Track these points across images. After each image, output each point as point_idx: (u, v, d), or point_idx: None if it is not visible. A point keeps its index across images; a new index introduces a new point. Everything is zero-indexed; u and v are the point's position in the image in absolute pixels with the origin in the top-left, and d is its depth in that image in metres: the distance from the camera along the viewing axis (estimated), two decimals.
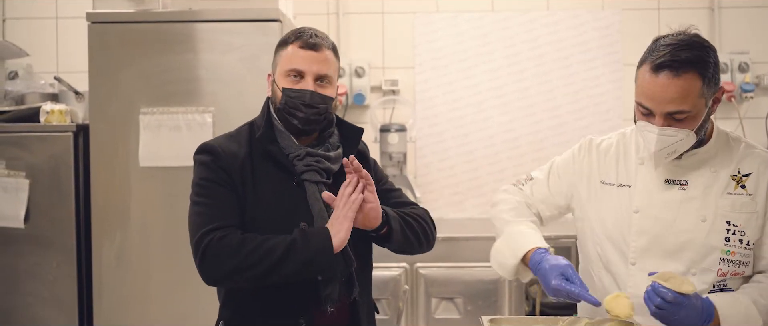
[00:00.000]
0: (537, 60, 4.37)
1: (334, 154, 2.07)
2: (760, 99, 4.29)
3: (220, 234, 1.93)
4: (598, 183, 2.13)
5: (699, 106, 1.89)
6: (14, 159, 3.29)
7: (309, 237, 1.92)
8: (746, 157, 2.01)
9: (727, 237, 1.95)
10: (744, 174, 1.99)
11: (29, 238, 3.30)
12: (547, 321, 1.92)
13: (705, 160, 2.00)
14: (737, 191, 1.98)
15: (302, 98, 2.00)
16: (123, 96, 3.24)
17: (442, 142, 4.40)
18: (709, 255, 1.96)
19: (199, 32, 3.23)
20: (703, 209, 1.97)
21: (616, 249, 2.05)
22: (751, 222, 1.96)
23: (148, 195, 3.25)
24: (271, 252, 1.90)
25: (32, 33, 4.36)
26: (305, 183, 2.01)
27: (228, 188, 1.99)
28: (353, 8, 4.39)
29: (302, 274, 1.93)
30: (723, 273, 1.96)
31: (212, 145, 2.05)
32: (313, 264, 1.91)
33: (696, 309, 1.83)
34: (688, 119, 1.89)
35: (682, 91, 1.86)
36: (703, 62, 1.88)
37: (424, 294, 3.67)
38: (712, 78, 1.89)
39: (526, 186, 2.26)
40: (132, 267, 3.26)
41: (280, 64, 2.05)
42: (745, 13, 4.33)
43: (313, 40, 2.02)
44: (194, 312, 3.18)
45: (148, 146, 3.22)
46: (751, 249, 1.96)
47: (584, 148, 2.20)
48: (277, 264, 1.90)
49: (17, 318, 3.32)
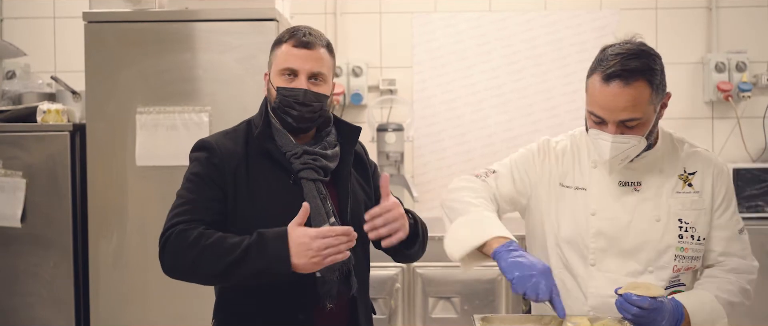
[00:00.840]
0: (535, 60, 4.37)
1: (332, 152, 2.07)
2: (758, 98, 4.29)
3: (183, 227, 1.93)
4: (557, 185, 2.14)
5: (649, 113, 1.96)
6: (11, 158, 3.30)
7: (266, 242, 1.89)
8: (690, 156, 2.11)
9: (680, 235, 2.04)
10: (690, 172, 2.09)
11: (26, 238, 3.30)
12: (537, 320, 1.93)
13: (654, 162, 2.08)
14: (685, 190, 2.07)
15: (296, 96, 2.01)
16: (120, 95, 3.25)
17: (439, 141, 4.40)
18: (665, 254, 2.04)
19: (195, 32, 3.23)
20: (656, 209, 2.05)
21: (575, 251, 2.09)
22: (701, 218, 2.06)
23: (144, 195, 3.25)
24: (228, 251, 1.88)
25: (30, 32, 4.37)
26: (302, 181, 2.02)
27: (214, 186, 2.00)
28: (351, 8, 4.40)
29: (259, 279, 1.92)
30: (677, 269, 2.04)
31: (209, 141, 2.07)
32: (269, 272, 1.88)
33: (669, 311, 1.90)
34: (639, 126, 1.96)
35: (632, 99, 1.92)
36: (650, 70, 1.94)
37: (421, 293, 3.67)
38: (659, 85, 1.97)
39: (491, 179, 2.18)
40: (129, 266, 3.27)
41: (275, 63, 2.06)
42: (743, 12, 4.33)
43: (306, 38, 2.03)
44: (191, 311, 3.18)
45: (145, 145, 3.23)
46: (701, 244, 2.06)
47: (542, 149, 2.20)
48: (233, 265, 1.88)
49: (14, 318, 3.32)
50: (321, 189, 2.03)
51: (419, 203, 4.31)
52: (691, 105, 4.33)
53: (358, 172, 2.17)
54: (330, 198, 2.04)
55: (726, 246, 2.09)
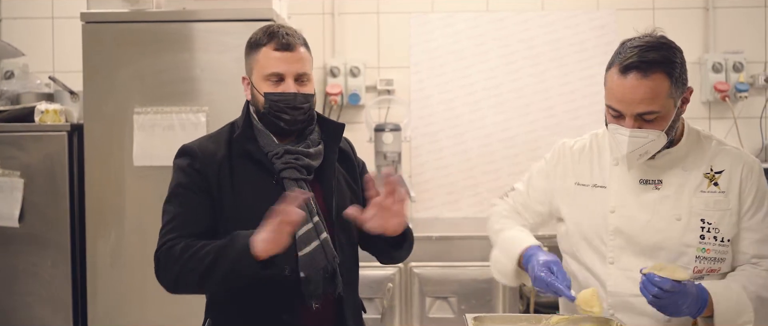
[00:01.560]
0: (532, 60, 4.38)
1: (315, 150, 2.07)
2: (754, 98, 4.30)
3: (171, 244, 1.97)
4: (573, 184, 2.16)
5: (668, 106, 1.93)
6: (9, 158, 3.32)
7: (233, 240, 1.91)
8: (718, 154, 2.05)
9: (701, 235, 1.98)
10: (717, 171, 2.02)
11: (24, 238, 3.32)
12: (531, 319, 1.95)
13: (677, 159, 2.04)
14: (710, 189, 2.01)
15: (287, 101, 2.01)
16: (117, 95, 3.27)
17: (437, 141, 4.42)
18: (685, 254, 1.99)
19: (193, 32, 3.26)
20: (677, 208, 2.00)
21: (593, 249, 2.09)
22: (725, 219, 1.99)
23: (142, 195, 3.27)
24: (203, 259, 1.91)
25: (28, 33, 4.37)
26: (284, 181, 2.02)
27: (201, 194, 2.02)
28: (348, 8, 4.41)
29: (233, 281, 1.94)
30: (698, 270, 1.99)
31: (191, 147, 2.08)
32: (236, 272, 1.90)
33: (692, 296, 1.85)
34: (658, 119, 1.93)
35: (650, 91, 1.89)
36: (669, 62, 1.91)
37: (418, 293, 3.68)
38: (679, 78, 1.93)
39: (510, 197, 2.32)
40: (126, 265, 3.29)
41: (257, 69, 2.05)
42: (740, 12, 4.34)
43: (285, 39, 2.02)
44: (188, 311, 3.16)
45: (142, 145, 3.25)
46: (726, 246, 1.99)
47: (557, 152, 2.23)
48: (208, 270, 1.91)
49: (12, 318, 3.34)
50: (304, 188, 2.03)
51: (417, 202, 4.33)
52: (688, 105, 4.33)
53: (346, 170, 2.17)
54: (314, 197, 2.04)
55: (758, 249, 2.01)
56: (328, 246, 2.01)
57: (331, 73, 4.32)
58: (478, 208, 4.37)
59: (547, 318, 1.90)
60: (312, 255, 1.99)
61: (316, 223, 2.01)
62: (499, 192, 4.29)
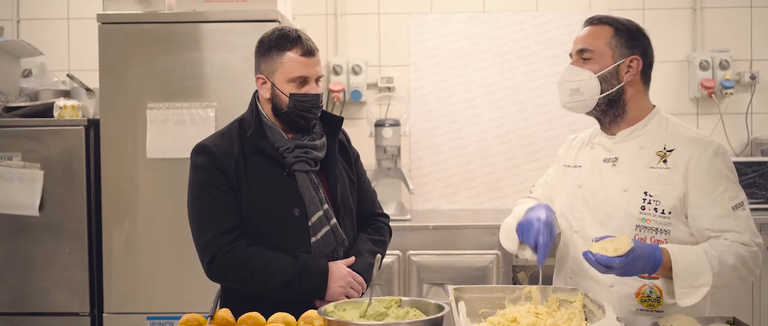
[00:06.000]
0: (527, 59, 4.49)
1: (320, 143, 2.23)
2: (740, 95, 4.42)
3: (226, 247, 2.12)
4: (562, 166, 2.37)
5: (604, 53, 2.16)
6: (30, 151, 3.41)
7: (310, 275, 2.13)
8: (675, 135, 2.16)
9: (642, 206, 2.12)
10: (669, 150, 2.14)
11: (43, 226, 3.41)
12: (506, 289, 2.07)
13: (634, 138, 2.19)
14: (659, 165, 2.13)
15: (312, 102, 2.17)
16: (131, 92, 3.38)
17: (435, 137, 4.52)
18: (629, 222, 2.13)
19: (202, 32, 3.37)
20: (626, 182, 2.15)
21: (565, 220, 2.27)
22: (667, 192, 2.10)
23: (155, 185, 3.39)
24: (273, 276, 2.12)
25: (45, 33, 4.49)
26: (296, 173, 2.17)
27: (225, 190, 2.15)
28: (350, 9, 4.52)
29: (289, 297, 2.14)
30: (641, 239, 2.11)
31: (207, 145, 2.19)
32: (302, 295, 2.14)
33: (643, 259, 1.94)
34: (592, 60, 2.15)
35: (592, 34, 2.18)
36: (618, 22, 2.18)
37: (416, 280, 3.81)
38: (626, 38, 2.15)
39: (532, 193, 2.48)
40: (140, 253, 3.40)
41: (281, 71, 2.16)
42: (726, 12, 4.46)
43: (309, 45, 2.17)
44: (199, 296, 3.24)
45: (155, 139, 3.36)
46: (667, 218, 2.10)
47: (564, 147, 2.44)
48: (275, 288, 2.12)
49: (32, 302, 3.44)
50: (313, 179, 2.18)
51: (416, 195, 4.44)
52: (676, 101, 4.46)
53: (343, 158, 2.33)
54: (321, 186, 2.21)
55: (720, 224, 2.05)
56: (338, 231, 2.19)
57: (334, 71, 4.44)
58: (474, 200, 4.50)
59: (521, 288, 2.05)
60: (323, 239, 2.18)
61: (325, 210, 2.18)
62: (494, 185, 4.45)
